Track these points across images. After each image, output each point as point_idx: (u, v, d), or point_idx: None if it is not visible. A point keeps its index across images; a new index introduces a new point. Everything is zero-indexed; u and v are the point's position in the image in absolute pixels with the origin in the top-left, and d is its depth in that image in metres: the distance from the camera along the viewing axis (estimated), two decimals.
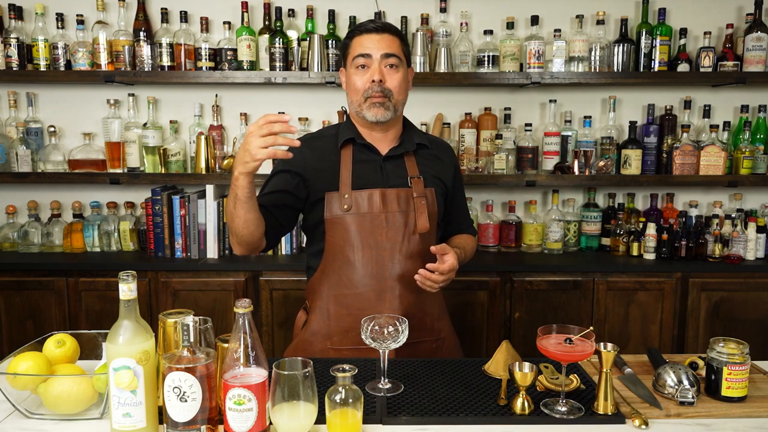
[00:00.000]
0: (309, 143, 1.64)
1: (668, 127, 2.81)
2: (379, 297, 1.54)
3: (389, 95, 1.55)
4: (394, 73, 1.56)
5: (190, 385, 1.03)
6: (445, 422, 1.18)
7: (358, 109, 1.58)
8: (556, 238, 2.79)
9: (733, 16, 2.83)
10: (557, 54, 2.69)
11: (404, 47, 1.60)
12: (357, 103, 1.58)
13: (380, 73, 1.54)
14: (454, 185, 1.72)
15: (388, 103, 1.55)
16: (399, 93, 1.57)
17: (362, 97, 1.56)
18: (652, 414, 1.21)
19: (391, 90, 1.55)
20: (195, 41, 2.74)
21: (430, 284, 1.48)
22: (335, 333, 1.57)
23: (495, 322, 2.57)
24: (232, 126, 2.90)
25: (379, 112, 1.55)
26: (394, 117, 1.59)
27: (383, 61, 1.55)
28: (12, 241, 2.78)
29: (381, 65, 1.54)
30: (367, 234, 1.54)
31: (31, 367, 1.20)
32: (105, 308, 2.54)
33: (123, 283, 1.06)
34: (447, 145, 1.78)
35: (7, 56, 2.64)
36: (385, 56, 1.55)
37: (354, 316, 1.52)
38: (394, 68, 1.56)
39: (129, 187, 2.89)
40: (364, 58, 1.55)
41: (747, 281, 2.58)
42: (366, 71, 1.55)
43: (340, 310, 1.56)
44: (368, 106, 1.55)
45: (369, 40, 1.55)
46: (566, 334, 1.21)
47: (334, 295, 1.57)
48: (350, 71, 1.59)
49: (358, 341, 1.46)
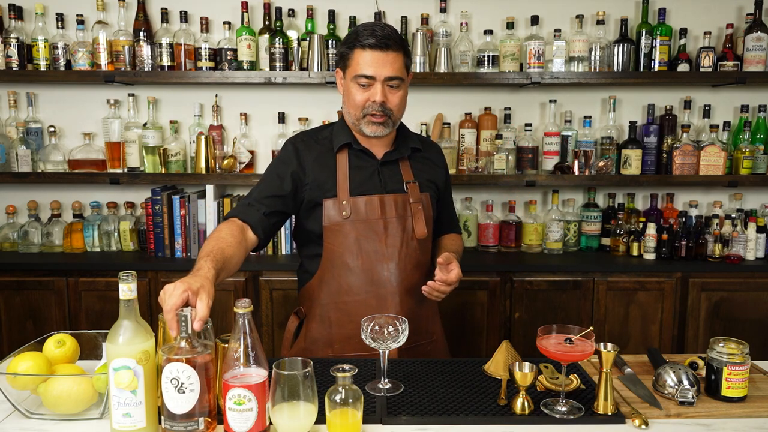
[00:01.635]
0: (306, 144, 1.62)
1: (668, 127, 2.81)
2: (380, 303, 1.53)
3: (389, 114, 1.53)
4: (396, 92, 1.53)
5: (188, 376, 1.03)
6: (445, 422, 1.18)
7: (355, 122, 1.56)
8: (556, 238, 2.79)
9: (733, 16, 2.83)
10: (557, 54, 2.69)
11: (407, 59, 1.55)
12: (355, 117, 1.55)
13: (382, 95, 1.51)
14: (445, 185, 1.74)
15: (388, 121, 1.54)
16: (398, 111, 1.56)
17: (361, 113, 1.53)
18: (652, 414, 1.21)
19: (392, 110, 1.53)
20: (195, 41, 2.74)
21: (437, 294, 1.50)
22: (337, 340, 1.56)
23: (495, 322, 2.57)
24: (232, 126, 2.90)
25: (378, 129, 1.54)
26: (392, 130, 1.60)
27: (386, 83, 1.51)
28: (12, 241, 2.78)
29: (384, 86, 1.51)
30: (367, 240, 1.53)
31: (31, 367, 1.20)
32: (105, 308, 2.53)
33: (123, 283, 1.06)
34: (436, 146, 1.79)
35: (7, 56, 2.64)
36: (388, 79, 1.51)
37: (355, 323, 1.49)
38: (397, 88, 1.53)
39: (129, 187, 2.89)
40: (368, 79, 1.50)
41: (747, 281, 2.58)
42: (367, 90, 1.52)
43: (341, 317, 1.56)
44: (366, 123, 1.54)
45: (373, 59, 1.49)
46: (566, 334, 1.21)
47: (334, 303, 1.56)
48: (349, 83, 1.54)
49: (361, 347, 1.48)
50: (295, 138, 1.66)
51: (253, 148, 2.86)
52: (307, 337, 1.61)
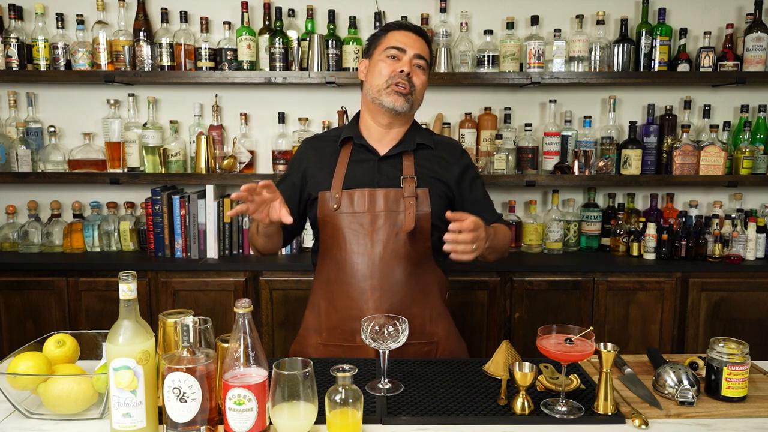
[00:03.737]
0: (312, 143, 1.71)
1: (668, 127, 2.81)
2: (361, 296, 1.54)
3: (412, 90, 1.59)
4: (421, 74, 1.61)
5: (190, 385, 1.03)
6: (445, 422, 1.18)
7: (376, 95, 1.59)
8: (556, 238, 2.79)
9: (733, 16, 2.83)
10: (557, 54, 2.69)
11: (430, 55, 1.66)
12: (377, 89, 1.58)
13: (410, 66, 1.58)
14: (461, 184, 1.66)
15: (409, 96, 1.58)
16: (420, 92, 1.62)
17: (385, 83, 1.57)
18: (652, 414, 1.21)
19: (416, 86, 1.59)
20: (195, 41, 2.74)
21: (462, 248, 1.36)
22: (324, 329, 1.60)
23: (495, 322, 2.57)
24: (232, 126, 2.90)
25: (399, 101, 1.57)
26: (408, 113, 1.62)
27: (414, 60, 1.59)
28: (12, 241, 2.78)
29: (412, 61, 1.59)
30: (354, 233, 1.56)
31: (31, 367, 1.20)
32: (105, 308, 2.54)
33: (123, 283, 1.06)
34: (455, 146, 1.73)
35: (7, 56, 2.64)
36: (417, 56, 1.59)
37: (340, 313, 1.56)
38: (422, 69, 1.61)
39: (129, 187, 2.89)
40: (398, 51, 1.58)
41: (747, 281, 2.58)
42: (396, 62, 1.58)
43: (328, 307, 1.60)
44: (388, 92, 1.57)
45: (406, 37, 1.59)
46: (566, 334, 1.21)
47: (324, 292, 1.61)
48: (377, 59, 1.61)
49: (344, 338, 1.54)
50: (308, 138, 1.76)
51: (253, 148, 2.86)
52: (304, 323, 1.67)
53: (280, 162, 2.77)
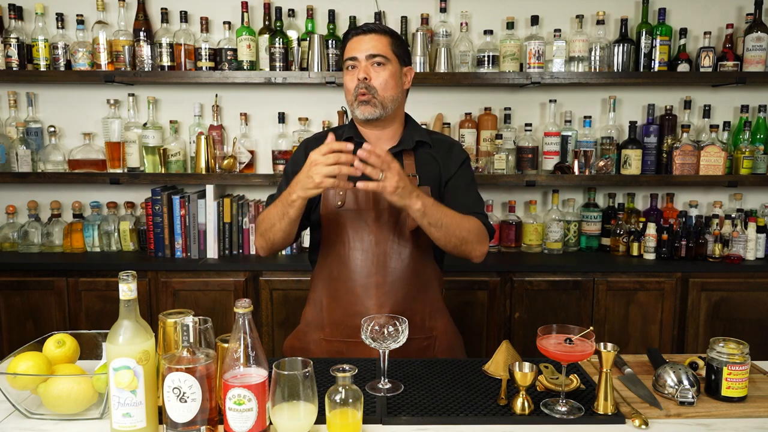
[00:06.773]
0: (312, 143, 1.69)
1: (668, 127, 2.81)
2: (366, 292, 1.56)
3: (374, 93, 1.57)
4: (380, 71, 1.57)
5: (190, 385, 1.03)
6: (445, 422, 1.18)
7: (351, 109, 1.63)
8: (556, 238, 2.79)
9: (733, 16, 2.83)
10: (557, 54, 2.69)
11: (395, 46, 1.60)
12: (350, 103, 1.62)
13: (365, 72, 1.57)
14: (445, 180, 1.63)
15: (373, 100, 1.57)
16: (384, 90, 1.57)
17: (353, 96, 1.59)
18: (652, 414, 1.21)
19: (376, 87, 1.57)
20: (195, 41, 2.74)
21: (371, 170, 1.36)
22: (327, 325, 1.61)
23: (495, 322, 2.57)
24: (232, 126, 2.90)
25: (366, 110, 1.57)
26: (384, 114, 1.59)
27: (368, 61, 1.58)
28: (12, 241, 2.78)
29: (366, 64, 1.58)
30: (358, 230, 1.57)
31: (31, 367, 1.20)
32: (105, 308, 2.54)
33: (123, 283, 1.06)
34: (452, 143, 1.72)
35: (7, 56, 2.64)
36: (370, 56, 1.57)
37: (343, 309, 1.57)
38: (381, 66, 1.58)
39: (129, 187, 2.89)
40: (352, 60, 1.59)
41: (747, 281, 2.58)
42: (354, 71, 1.59)
43: (331, 303, 1.60)
44: (357, 105, 1.59)
45: (356, 43, 1.59)
46: (566, 334, 1.21)
47: (326, 288, 1.62)
48: (344, 74, 1.64)
49: (348, 334, 1.55)
50: (308, 138, 1.77)
51: (253, 148, 2.86)
52: (304, 319, 1.68)
53: (280, 162, 2.76)
